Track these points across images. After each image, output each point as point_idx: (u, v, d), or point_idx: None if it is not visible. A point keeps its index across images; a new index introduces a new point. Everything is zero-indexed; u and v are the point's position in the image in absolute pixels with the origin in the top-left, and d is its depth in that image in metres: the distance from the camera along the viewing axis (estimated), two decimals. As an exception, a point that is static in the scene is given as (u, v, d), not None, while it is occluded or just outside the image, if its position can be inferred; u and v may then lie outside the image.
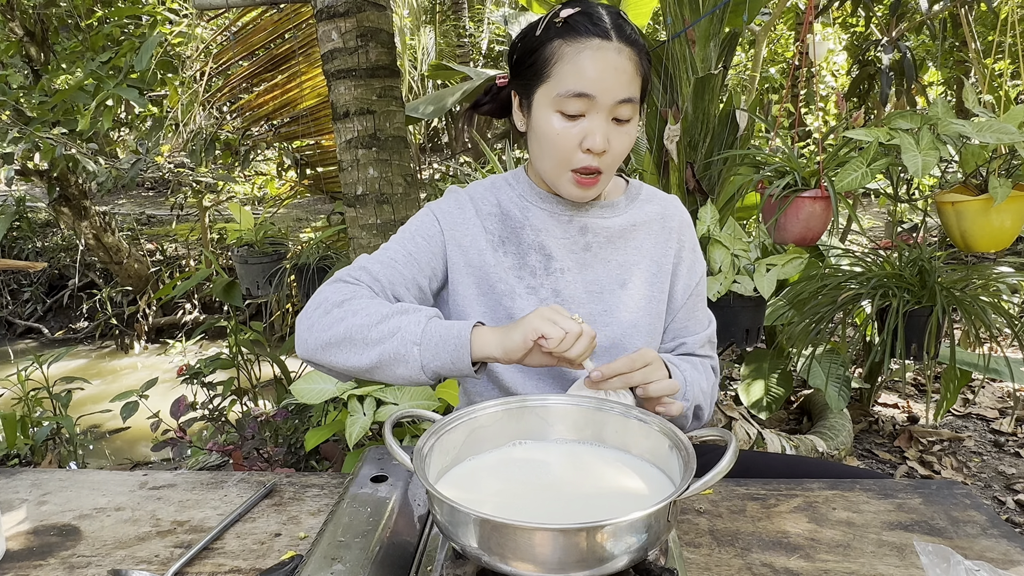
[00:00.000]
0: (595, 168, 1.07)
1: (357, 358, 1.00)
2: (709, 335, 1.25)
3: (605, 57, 1.04)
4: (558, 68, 1.05)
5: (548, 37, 1.07)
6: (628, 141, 1.09)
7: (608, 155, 1.07)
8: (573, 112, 1.05)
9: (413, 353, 0.97)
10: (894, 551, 0.92)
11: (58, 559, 0.93)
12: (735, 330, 2.14)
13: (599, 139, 1.04)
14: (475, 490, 0.84)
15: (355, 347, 1.00)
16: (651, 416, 0.89)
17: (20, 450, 2.70)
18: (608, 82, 1.03)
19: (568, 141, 1.06)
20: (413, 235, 1.16)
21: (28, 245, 6.44)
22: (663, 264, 1.19)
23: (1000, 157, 1.90)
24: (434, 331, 0.97)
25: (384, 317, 1.00)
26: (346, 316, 1.01)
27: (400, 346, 0.97)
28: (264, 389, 3.25)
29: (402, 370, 0.99)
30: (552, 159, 1.09)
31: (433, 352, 0.97)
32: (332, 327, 1.01)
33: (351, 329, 1.00)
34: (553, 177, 1.11)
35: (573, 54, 1.04)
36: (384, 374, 1.00)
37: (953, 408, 3.28)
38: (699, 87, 2.38)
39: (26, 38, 4.57)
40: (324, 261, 3.15)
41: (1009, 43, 1.99)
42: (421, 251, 1.14)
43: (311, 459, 2.35)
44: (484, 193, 1.21)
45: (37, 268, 3.54)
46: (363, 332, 0.99)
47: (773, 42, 8.37)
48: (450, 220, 1.17)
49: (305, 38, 3.53)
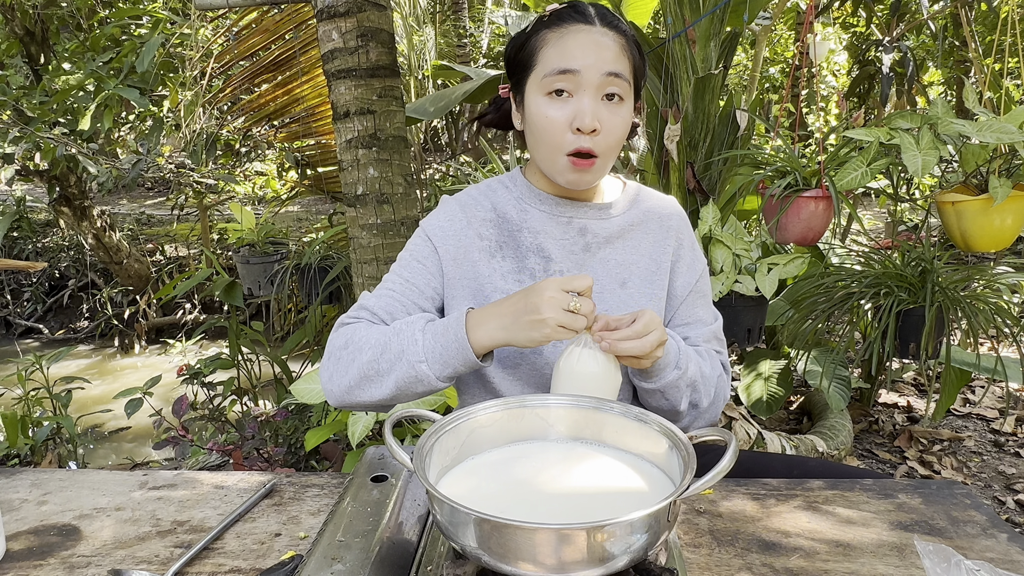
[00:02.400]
0: (588, 150, 1.07)
1: (379, 391, 1.03)
2: (715, 331, 1.23)
3: (588, 36, 1.06)
4: (543, 53, 1.07)
5: (535, 31, 1.09)
6: (621, 122, 1.08)
7: (601, 136, 1.07)
8: (560, 88, 1.05)
9: (423, 371, 1.00)
10: (894, 551, 0.91)
11: (58, 559, 0.93)
12: (737, 330, 2.14)
13: (588, 117, 1.04)
14: (475, 490, 0.84)
15: (372, 383, 1.03)
16: (651, 416, 0.89)
17: (20, 450, 2.70)
18: (591, 57, 1.04)
19: (558, 123, 1.06)
20: (408, 261, 1.17)
21: (28, 245, 6.44)
22: (661, 262, 1.19)
23: (1000, 157, 1.90)
24: (434, 342, 0.99)
25: (385, 345, 1.02)
26: (354, 356, 1.04)
27: (409, 369, 1.00)
28: (264, 389, 3.26)
29: (420, 388, 1.02)
30: (546, 145, 1.09)
31: (441, 363, 0.99)
32: (347, 371, 1.04)
33: (362, 368, 1.03)
34: (549, 165, 1.11)
35: (557, 38, 1.06)
36: (408, 396, 1.04)
37: (953, 408, 3.28)
38: (699, 87, 2.38)
39: (26, 38, 4.57)
40: (325, 261, 3.15)
41: (1009, 43, 1.99)
42: (417, 275, 1.15)
43: (311, 459, 2.35)
44: (478, 198, 1.21)
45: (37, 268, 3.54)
46: (373, 367, 1.02)
47: (773, 42, 8.37)
48: (441, 235, 1.17)
49: (306, 38, 3.53)
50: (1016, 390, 3.37)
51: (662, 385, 1.07)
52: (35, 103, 3.81)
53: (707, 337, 1.21)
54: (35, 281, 6.34)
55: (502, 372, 1.15)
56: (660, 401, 1.10)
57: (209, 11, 3.26)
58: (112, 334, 6.07)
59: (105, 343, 6.11)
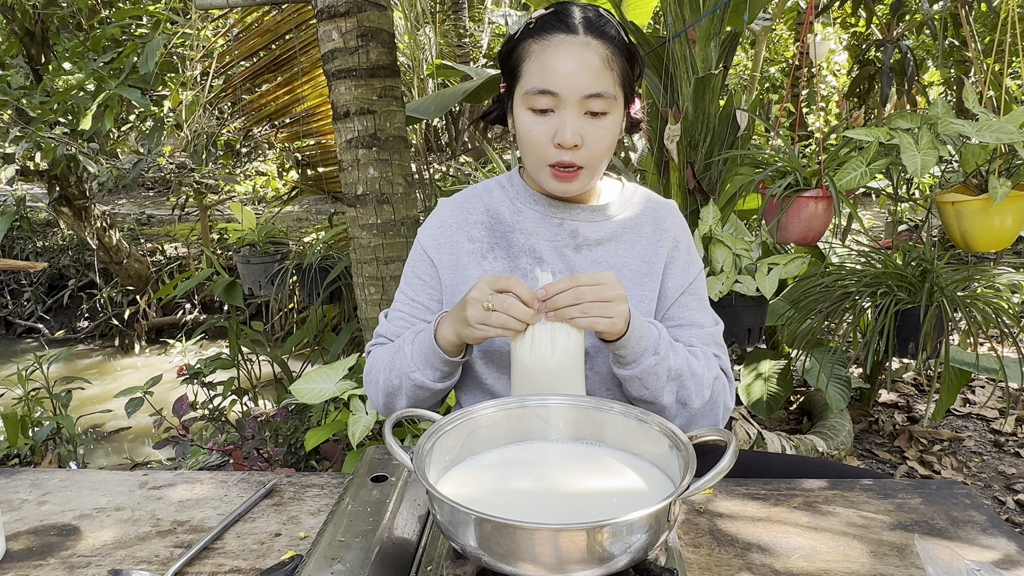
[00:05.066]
0: (569, 163, 1.08)
1: (403, 402, 1.15)
2: (713, 335, 1.19)
3: (568, 52, 1.04)
4: (527, 66, 1.07)
5: (521, 38, 1.09)
6: (605, 135, 1.08)
7: (584, 150, 1.07)
8: (542, 107, 1.06)
9: (418, 379, 1.09)
10: (894, 551, 0.91)
11: (58, 559, 0.93)
12: (737, 330, 2.14)
13: (568, 134, 1.05)
14: (475, 490, 0.84)
15: (395, 398, 1.15)
16: (651, 416, 0.89)
17: (20, 450, 2.70)
18: (572, 78, 1.04)
19: (540, 137, 1.07)
20: (411, 278, 1.23)
21: (28, 245, 6.44)
22: (653, 264, 1.18)
23: (1000, 157, 1.90)
24: (418, 350, 1.09)
25: (391, 364, 1.14)
26: (376, 379, 1.17)
27: (408, 380, 1.11)
28: (264, 389, 3.26)
29: (424, 394, 1.12)
30: (530, 155, 1.11)
31: (428, 367, 1.08)
32: (377, 393, 1.18)
33: (383, 388, 1.16)
34: (535, 173, 1.13)
35: (538, 51, 1.06)
36: (422, 402, 1.14)
37: (953, 408, 3.28)
38: (699, 87, 2.38)
39: (26, 38, 4.57)
40: (326, 261, 3.15)
41: (1009, 43, 1.99)
42: (420, 292, 1.21)
43: (311, 459, 2.35)
44: (472, 200, 1.22)
45: (37, 268, 3.54)
46: (388, 385, 1.14)
47: (773, 42, 8.37)
48: (434, 245, 1.21)
49: (306, 38, 3.53)
50: (1016, 390, 3.37)
51: (639, 372, 1.04)
52: (35, 103, 3.81)
53: (704, 340, 1.17)
54: (35, 281, 6.34)
55: (495, 371, 1.16)
56: (640, 391, 1.06)
57: (209, 11, 3.26)
58: (112, 334, 6.07)
59: (105, 343, 6.11)
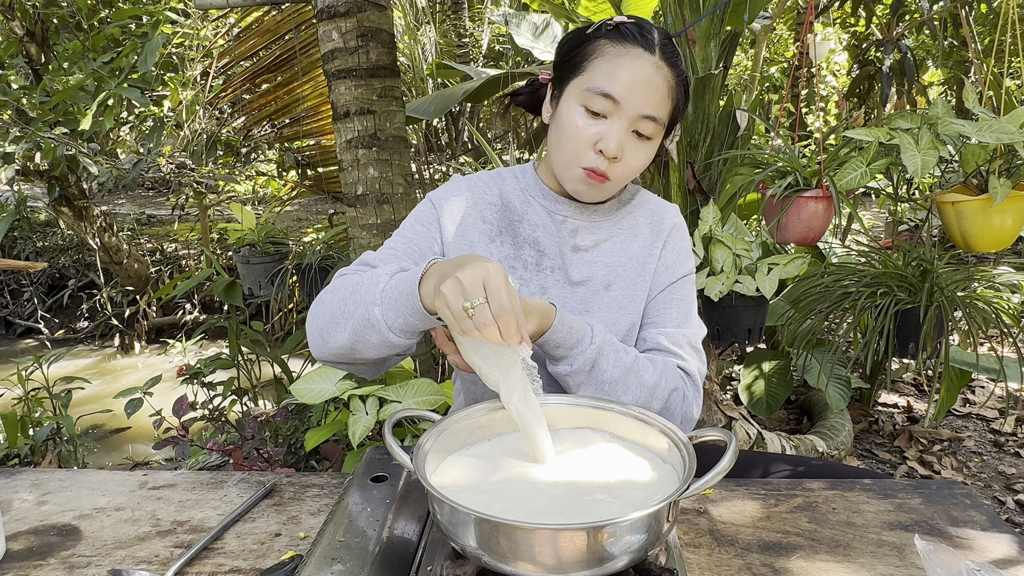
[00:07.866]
0: (603, 172, 1.08)
1: (341, 336, 0.96)
2: (687, 335, 1.16)
3: (642, 67, 1.05)
4: (595, 63, 1.06)
5: (596, 35, 1.09)
6: (644, 158, 1.10)
7: (619, 165, 1.08)
8: (597, 110, 1.06)
9: (375, 315, 0.91)
10: (894, 551, 0.91)
11: (58, 559, 0.93)
12: (737, 330, 2.14)
13: (613, 144, 1.05)
14: (475, 490, 0.84)
15: (337, 325, 0.96)
16: (651, 416, 0.89)
17: (20, 450, 2.70)
18: (637, 93, 1.04)
19: (584, 138, 1.07)
20: (413, 224, 1.18)
21: (28, 245, 6.43)
22: (647, 264, 1.19)
23: (1000, 157, 1.90)
24: (392, 287, 0.91)
25: (356, 286, 0.95)
26: (331, 297, 1.00)
27: (364, 310, 0.92)
28: (264, 389, 3.25)
29: (374, 336, 0.92)
30: (566, 151, 1.10)
31: (393, 310, 0.90)
32: (322, 314, 1.00)
33: (331, 307, 0.98)
34: (563, 170, 1.12)
35: (613, 55, 1.06)
36: (364, 347, 0.95)
37: (953, 408, 3.28)
38: (699, 87, 2.38)
39: (26, 38, 4.57)
40: (326, 261, 3.15)
41: (1009, 43, 1.99)
42: (420, 237, 1.16)
43: (311, 459, 2.34)
44: (488, 182, 1.22)
45: (37, 268, 3.54)
46: (340, 307, 0.96)
47: (773, 42, 8.37)
48: (446, 207, 1.18)
49: (306, 38, 3.53)
50: (1016, 390, 3.37)
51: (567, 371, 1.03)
52: (35, 103, 3.81)
53: (674, 340, 1.15)
54: (35, 281, 6.34)
55: None
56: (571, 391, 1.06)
57: (210, 11, 3.26)
58: (112, 334, 6.06)
59: (105, 343, 6.10)
